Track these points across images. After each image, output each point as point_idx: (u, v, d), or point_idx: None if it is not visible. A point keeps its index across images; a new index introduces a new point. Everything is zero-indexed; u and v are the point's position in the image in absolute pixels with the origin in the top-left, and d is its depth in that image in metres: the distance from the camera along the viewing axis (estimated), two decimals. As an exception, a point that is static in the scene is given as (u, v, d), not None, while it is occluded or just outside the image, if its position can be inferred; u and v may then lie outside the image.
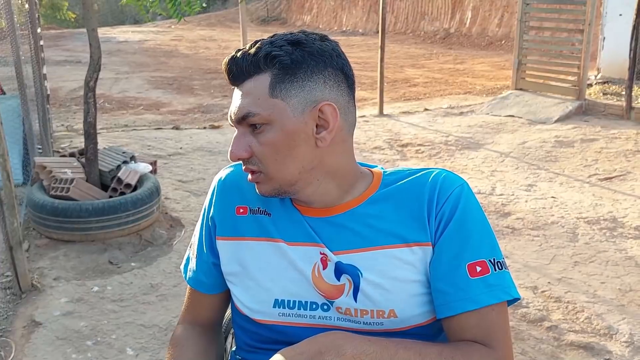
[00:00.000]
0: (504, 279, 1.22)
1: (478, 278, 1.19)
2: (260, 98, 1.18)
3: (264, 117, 1.18)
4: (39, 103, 6.18)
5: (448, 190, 1.23)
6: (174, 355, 1.35)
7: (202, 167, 6.01)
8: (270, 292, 1.27)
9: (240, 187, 1.35)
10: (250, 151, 1.21)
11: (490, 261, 1.21)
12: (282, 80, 1.18)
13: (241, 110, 1.19)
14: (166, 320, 3.25)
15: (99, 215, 4.01)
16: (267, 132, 1.19)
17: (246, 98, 1.19)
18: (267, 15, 26.37)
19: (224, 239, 1.34)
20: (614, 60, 9.67)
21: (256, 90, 1.19)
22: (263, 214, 1.31)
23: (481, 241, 1.23)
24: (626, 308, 3.38)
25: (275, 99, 1.18)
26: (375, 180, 1.31)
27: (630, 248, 4.13)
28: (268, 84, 1.18)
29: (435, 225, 1.22)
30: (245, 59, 1.19)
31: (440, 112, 8.63)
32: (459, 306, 1.19)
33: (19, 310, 3.35)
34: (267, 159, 1.20)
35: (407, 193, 1.26)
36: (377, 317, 1.22)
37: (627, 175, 5.65)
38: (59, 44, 18.02)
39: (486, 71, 12.69)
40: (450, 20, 18.80)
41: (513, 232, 4.43)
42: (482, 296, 1.19)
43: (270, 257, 1.28)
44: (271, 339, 1.29)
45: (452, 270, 1.20)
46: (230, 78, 1.22)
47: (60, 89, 10.59)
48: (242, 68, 1.19)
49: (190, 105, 9.62)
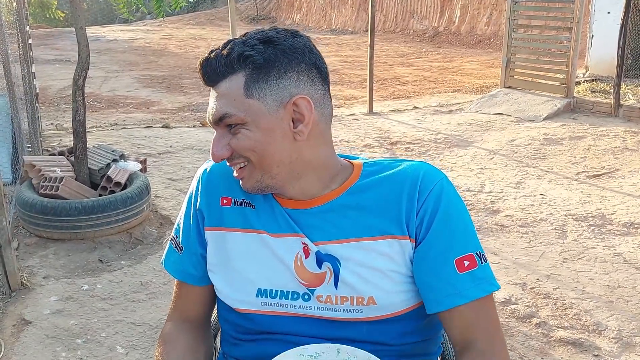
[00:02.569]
0: (488, 271, 1.25)
1: (466, 273, 1.22)
2: (235, 99, 1.20)
3: (240, 117, 1.20)
4: (28, 102, 6.15)
5: (429, 186, 1.25)
6: (164, 353, 1.34)
7: (192, 165, 6.01)
8: (253, 282, 1.28)
9: (224, 178, 1.36)
10: (231, 149, 1.23)
11: (477, 254, 1.24)
12: (257, 80, 1.19)
13: (218, 112, 1.21)
14: (156, 318, 3.25)
15: (88, 214, 4.00)
16: (244, 131, 1.21)
17: (222, 99, 1.21)
18: (257, 14, 26.33)
19: (211, 229, 1.35)
20: (602, 58, 9.73)
21: (231, 92, 1.20)
22: (247, 206, 1.32)
23: (466, 235, 1.25)
24: (614, 304, 3.41)
25: (251, 99, 1.19)
26: (355, 171, 1.32)
27: (618, 245, 4.16)
28: (242, 85, 1.19)
29: (417, 222, 1.24)
30: (219, 60, 1.20)
31: (429, 110, 8.65)
32: (449, 301, 1.22)
33: (8, 309, 3.33)
34: (249, 154, 1.22)
35: (387, 185, 1.27)
36: (357, 304, 1.24)
37: (615, 172, 5.69)
38: (47, 42, 17.92)
39: (475, 69, 12.73)
40: (439, 19, 18.84)
41: (502, 229, 4.45)
42: (470, 290, 1.21)
43: (254, 248, 1.29)
44: (253, 330, 1.30)
45: (441, 266, 1.22)
46: (206, 79, 1.23)
47: (49, 87, 10.54)
48: (216, 69, 1.20)
49: (180, 104, 9.60)
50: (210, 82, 1.22)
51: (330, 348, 1.21)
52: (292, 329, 1.27)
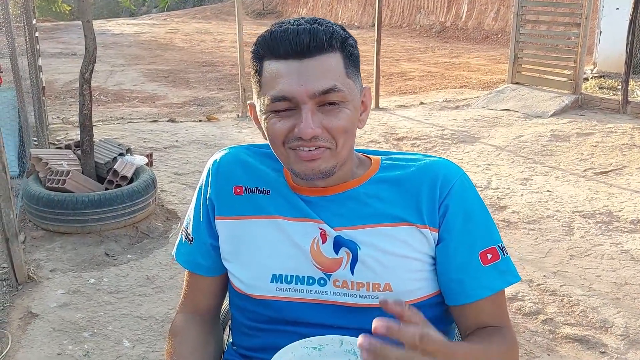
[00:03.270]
0: (510, 264, 1.29)
1: (490, 265, 1.26)
2: (340, 76, 1.18)
3: (345, 95, 1.19)
4: (34, 95, 6.16)
5: (451, 181, 1.27)
6: (174, 345, 1.35)
7: (197, 159, 6.01)
8: (267, 267, 1.28)
9: (235, 168, 1.36)
10: (322, 128, 1.18)
11: (499, 247, 1.28)
12: (353, 63, 1.21)
13: (326, 84, 1.16)
14: (162, 312, 3.25)
15: (95, 208, 4.00)
16: (346, 110, 1.19)
17: (326, 73, 1.16)
18: (263, 8, 26.29)
19: (223, 218, 1.35)
20: (610, 55, 9.68)
21: (335, 68, 1.18)
22: (261, 193, 1.32)
23: (488, 229, 1.28)
24: (621, 301, 3.40)
25: (349, 80, 1.20)
26: (373, 164, 1.34)
27: (625, 242, 4.14)
28: (343, 64, 1.19)
29: (440, 212, 1.25)
30: (318, 33, 1.16)
31: (436, 106, 8.63)
32: (475, 294, 1.25)
33: (15, 302, 3.34)
34: (340, 136, 1.20)
35: (407, 178, 1.29)
36: (373, 290, 1.24)
37: (622, 169, 5.67)
38: (54, 36, 17.93)
39: (482, 65, 12.69)
40: (446, 14, 18.78)
41: (509, 226, 4.44)
42: (495, 282, 1.26)
43: (269, 234, 1.29)
44: (268, 317, 1.30)
45: (466, 260, 1.25)
46: (298, 48, 1.15)
47: (55, 81, 10.55)
48: (317, 41, 1.15)
49: (186, 98, 9.61)
50: (303, 54, 1.16)
51: (333, 339, 1.22)
52: (306, 315, 1.27)
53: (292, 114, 1.18)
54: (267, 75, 1.19)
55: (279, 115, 1.19)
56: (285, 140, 1.20)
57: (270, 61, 1.18)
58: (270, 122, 1.20)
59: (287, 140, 1.20)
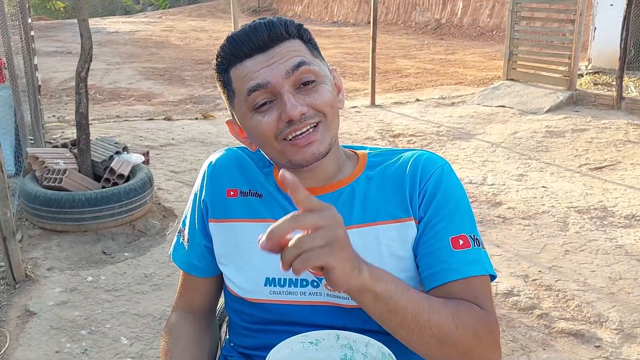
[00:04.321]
0: (482, 256, 1.25)
1: (460, 251, 1.23)
2: (307, 55, 1.22)
3: (317, 71, 1.21)
4: (30, 94, 6.16)
5: (431, 170, 1.28)
6: (169, 343, 1.36)
7: (194, 157, 6.02)
8: (261, 271, 1.29)
9: (230, 170, 1.37)
10: (307, 106, 1.20)
11: (470, 237, 1.25)
12: (314, 46, 1.26)
13: (295, 59, 1.19)
14: (160, 310, 3.27)
15: (92, 206, 4.01)
16: (324, 85, 1.22)
17: (293, 53, 1.20)
18: (258, 5, 26.30)
19: (216, 221, 1.35)
20: (604, 51, 9.72)
21: (300, 49, 1.22)
22: (254, 196, 1.33)
23: (463, 217, 1.27)
24: (616, 296, 3.42)
25: (316, 59, 1.23)
26: (360, 161, 1.35)
27: (620, 237, 4.17)
28: (305, 47, 1.23)
29: (418, 202, 1.26)
30: (274, 25, 1.20)
31: (431, 103, 8.65)
32: (443, 276, 1.22)
33: (13, 300, 3.35)
34: (327, 109, 1.22)
35: (392, 173, 1.30)
36: None
37: (617, 164, 5.70)
38: (49, 34, 17.91)
39: (477, 62, 12.71)
40: (442, 11, 18.81)
41: (504, 222, 4.46)
42: (463, 267, 1.22)
43: None
44: (263, 319, 1.31)
45: (437, 244, 1.23)
46: (260, 42, 1.20)
47: (51, 79, 10.54)
48: (276, 31, 1.20)
49: (182, 96, 9.61)
50: (266, 45, 1.20)
51: (330, 334, 1.23)
52: (301, 317, 1.28)
53: (273, 105, 1.20)
54: (237, 80, 1.22)
55: (260, 111, 1.21)
56: (277, 133, 1.20)
57: (236, 67, 1.22)
58: (256, 121, 1.21)
59: (279, 131, 1.20)
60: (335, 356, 1.22)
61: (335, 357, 1.22)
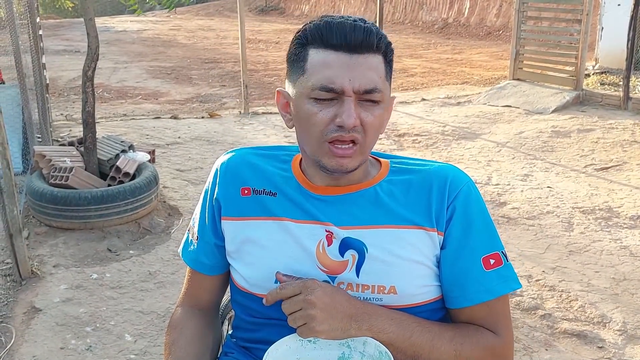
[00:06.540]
0: (512, 270, 1.31)
1: (492, 270, 1.27)
2: (381, 77, 1.22)
3: (383, 96, 1.23)
4: (38, 92, 6.20)
5: (458, 186, 1.30)
6: (173, 337, 1.38)
7: (200, 156, 6.04)
8: (272, 268, 1.30)
9: (242, 170, 1.38)
10: (359, 121, 1.21)
11: (502, 253, 1.30)
12: (390, 69, 1.26)
13: (371, 83, 1.20)
14: (164, 307, 3.29)
15: (98, 204, 4.03)
16: (379, 108, 1.23)
17: (372, 72, 1.21)
18: (266, 4, 26.29)
19: (229, 219, 1.37)
20: (611, 51, 9.68)
21: (379, 68, 1.22)
22: (268, 195, 1.34)
23: (491, 235, 1.31)
24: (620, 297, 3.42)
25: (387, 83, 1.25)
26: (383, 167, 1.37)
27: (625, 238, 4.16)
28: (384, 67, 1.23)
29: (446, 217, 1.28)
30: (370, 33, 1.20)
31: (437, 102, 8.64)
32: (476, 297, 1.27)
33: (19, 297, 3.38)
34: (371, 132, 1.23)
35: (416, 182, 1.32)
36: (378, 293, 1.26)
37: (623, 165, 5.68)
38: (57, 33, 17.96)
39: (484, 61, 12.69)
40: (449, 10, 18.77)
41: (509, 222, 4.46)
42: (497, 287, 1.27)
43: (274, 235, 1.31)
44: (270, 315, 1.32)
45: (469, 264, 1.27)
46: (352, 43, 1.19)
47: (59, 78, 10.59)
48: (368, 40, 1.20)
49: (189, 95, 9.63)
50: (354, 50, 1.20)
51: None
52: None
53: (333, 103, 1.21)
54: (313, 62, 1.21)
55: (320, 103, 1.21)
56: (325, 131, 1.22)
57: (317, 49, 1.21)
58: (311, 109, 1.22)
59: (326, 131, 1.21)
60: (333, 354, 1.23)
61: (333, 355, 1.23)
